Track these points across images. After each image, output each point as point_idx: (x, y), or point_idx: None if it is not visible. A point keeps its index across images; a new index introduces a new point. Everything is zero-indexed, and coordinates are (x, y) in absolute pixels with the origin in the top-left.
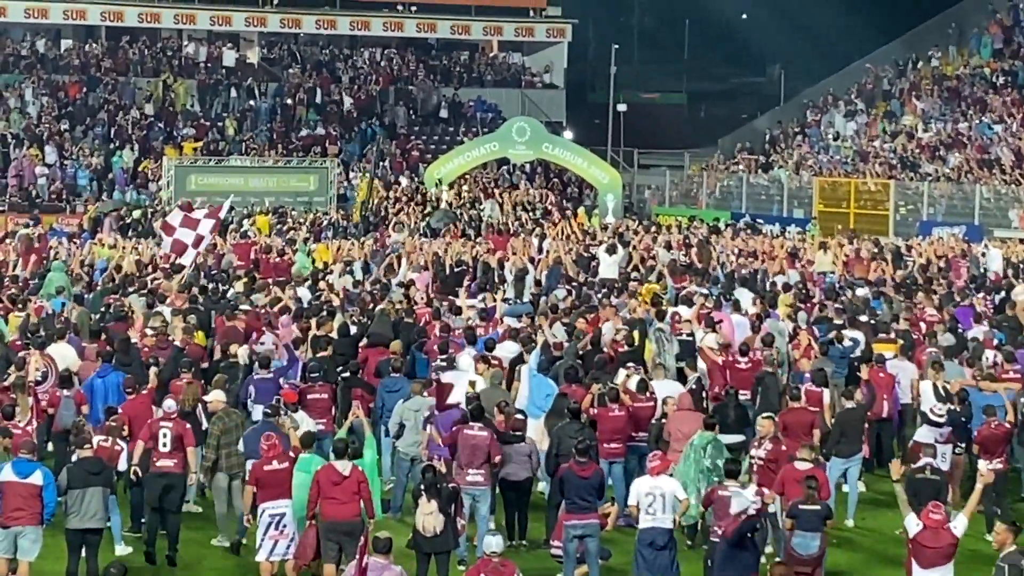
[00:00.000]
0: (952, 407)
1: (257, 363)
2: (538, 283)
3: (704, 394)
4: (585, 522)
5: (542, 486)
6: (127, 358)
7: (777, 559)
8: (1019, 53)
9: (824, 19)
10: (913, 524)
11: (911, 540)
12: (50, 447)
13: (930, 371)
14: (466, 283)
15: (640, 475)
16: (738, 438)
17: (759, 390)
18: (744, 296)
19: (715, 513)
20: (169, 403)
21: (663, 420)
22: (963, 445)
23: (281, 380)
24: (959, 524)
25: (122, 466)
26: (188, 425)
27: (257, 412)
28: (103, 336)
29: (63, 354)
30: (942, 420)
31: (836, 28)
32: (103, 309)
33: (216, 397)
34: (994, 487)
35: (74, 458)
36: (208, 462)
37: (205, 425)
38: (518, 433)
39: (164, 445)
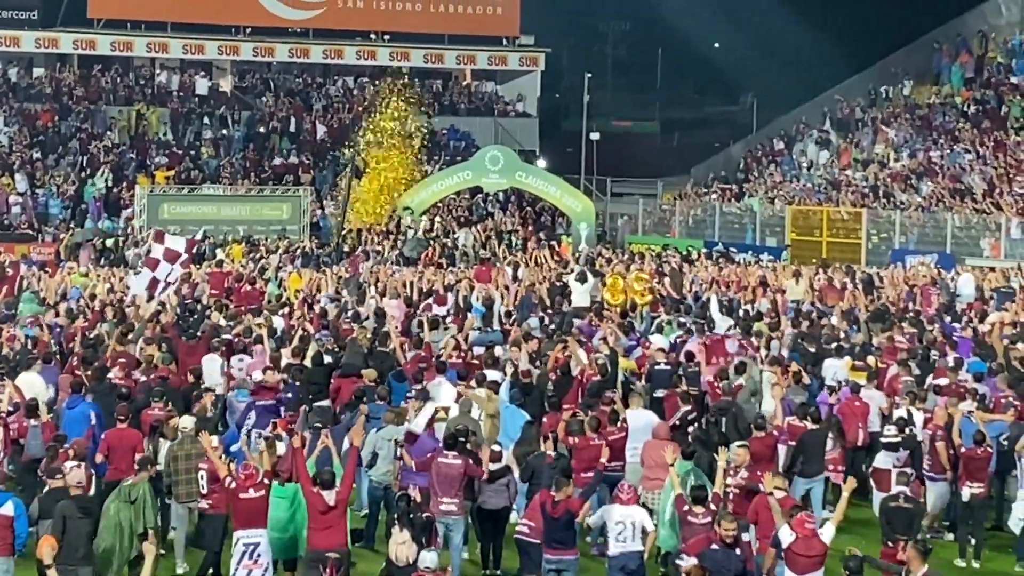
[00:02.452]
0: (911, 432)
1: (256, 388)
2: (508, 313)
3: (693, 426)
4: (560, 557)
5: (515, 516)
6: (101, 387)
7: None
8: (990, 82)
9: (796, 48)
10: (786, 534)
11: (785, 550)
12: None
13: (907, 400)
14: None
15: (609, 502)
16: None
17: (723, 420)
18: (722, 324)
19: (682, 537)
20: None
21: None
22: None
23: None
24: (827, 532)
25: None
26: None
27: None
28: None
29: (30, 382)
30: (896, 441)
31: (808, 57)
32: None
33: (185, 424)
34: (972, 514)
35: (46, 488)
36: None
37: None
38: (497, 464)
39: (202, 487)
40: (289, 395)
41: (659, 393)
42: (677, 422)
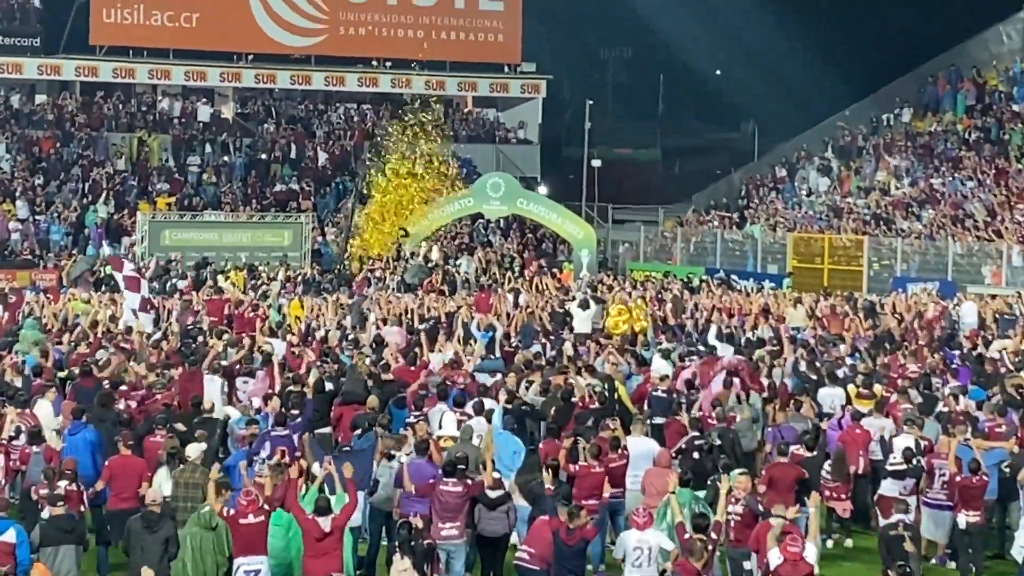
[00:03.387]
0: (917, 461)
1: (274, 420)
2: (508, 337)
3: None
4: None
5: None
6: (106, 413)
7: None
8: (992, 110)
9: (798, 75)
10: (775, 557)
11: (771, 572)
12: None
13: (907, 428)
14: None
15: (617, 529)
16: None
17: (721, 446)
18: (726, 351)
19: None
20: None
21: None
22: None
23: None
24: (810, 553)
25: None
26: None
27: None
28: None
29: (44, 411)
30: (902, 469)
31: (809, 84)
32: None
33: (195, 452)
34: (970, 542)
35: (45, 515)
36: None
37: None
38: (498, 491)
39: None
40: (299, 421)
41: (658, 420)
42: (684, 446)
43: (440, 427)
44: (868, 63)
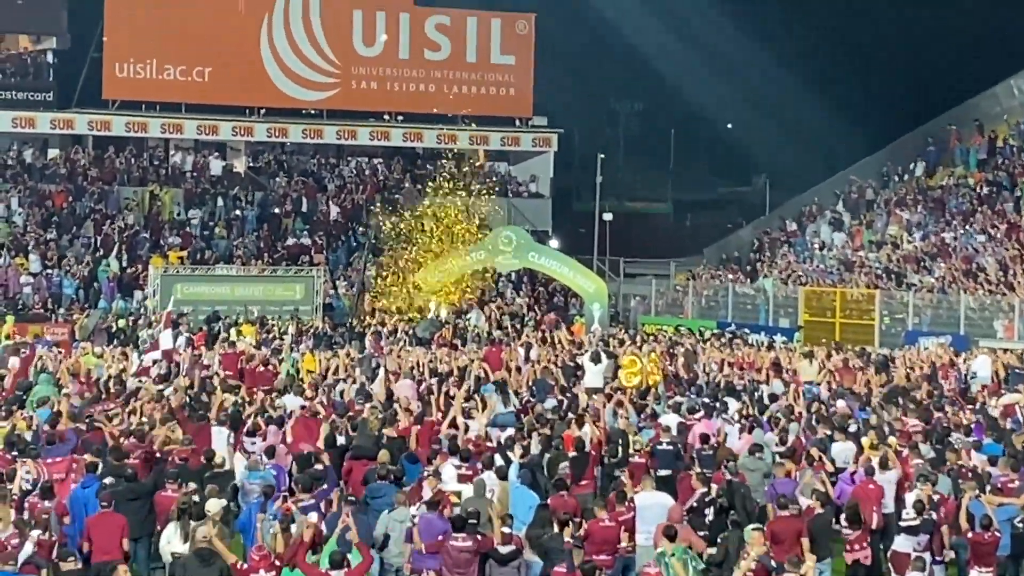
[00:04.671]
0: (929, 515)
1: (300, 486)
2: (516, 392)
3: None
4: None
5: None
6: (120, 468)
7: None
8: (1003, 164)
9: (809, 130)
10: None
11: None
12: None
13: (919, 484)
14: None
15: None
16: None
17: (732, 500)
18: (731, 405)
19: None
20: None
21: None
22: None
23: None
24: None
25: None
26: None
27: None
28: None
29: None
30: (916, 524)
31: (821, 138)
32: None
33: (215, 507)
34: None
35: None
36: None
37: None
38: (509, 546)
39: None
40: (325, 488)
41: (662, 472)
42: (695, 504)
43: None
44: (879, 117)
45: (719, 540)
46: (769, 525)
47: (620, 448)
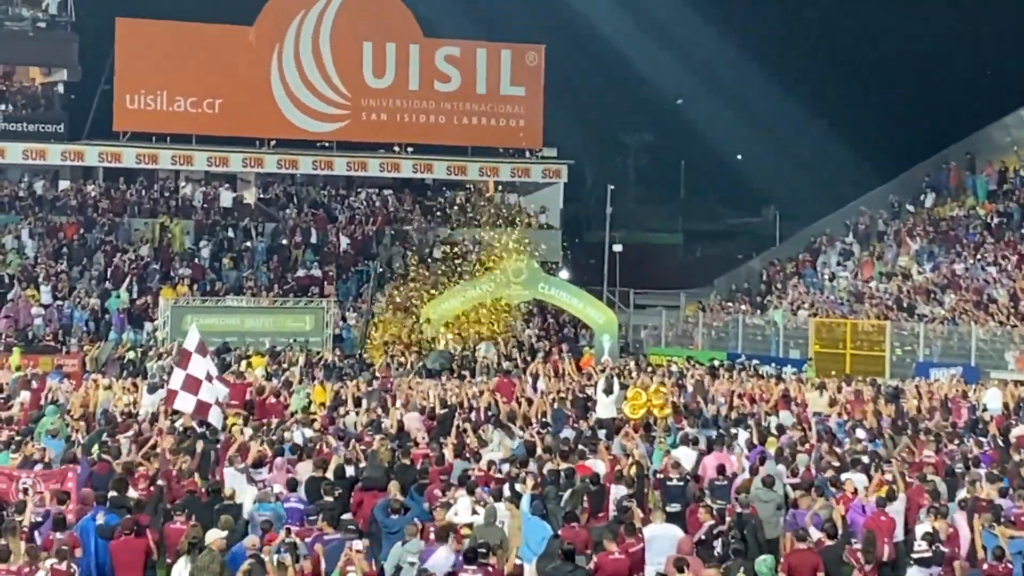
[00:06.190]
0: (938, 546)
1: (325, 520)
2: (528, 424)
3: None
4: None
5: None
6: (123, 499)
7: None
8: (1013, 195)
9: (819, 161)
10: None
11: None
12: None
13: (930, 517)
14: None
15: None
16: None
17: (743, 533)
18: (741, 436)
19: None
20: None
21: None
22: None
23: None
24: None
25: None
26: None
27: None
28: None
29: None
30: (928, 556)
31: (831, 169)
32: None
33: (216, 536)
34: None
35: None
36: None
37: None
38: None
39: None
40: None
41: (671, 508)
42: (703, 536)
43: (456, 514)
44: (889, 148)
45: (722, 570)
46: (786, 557)
47: (636, 480)
